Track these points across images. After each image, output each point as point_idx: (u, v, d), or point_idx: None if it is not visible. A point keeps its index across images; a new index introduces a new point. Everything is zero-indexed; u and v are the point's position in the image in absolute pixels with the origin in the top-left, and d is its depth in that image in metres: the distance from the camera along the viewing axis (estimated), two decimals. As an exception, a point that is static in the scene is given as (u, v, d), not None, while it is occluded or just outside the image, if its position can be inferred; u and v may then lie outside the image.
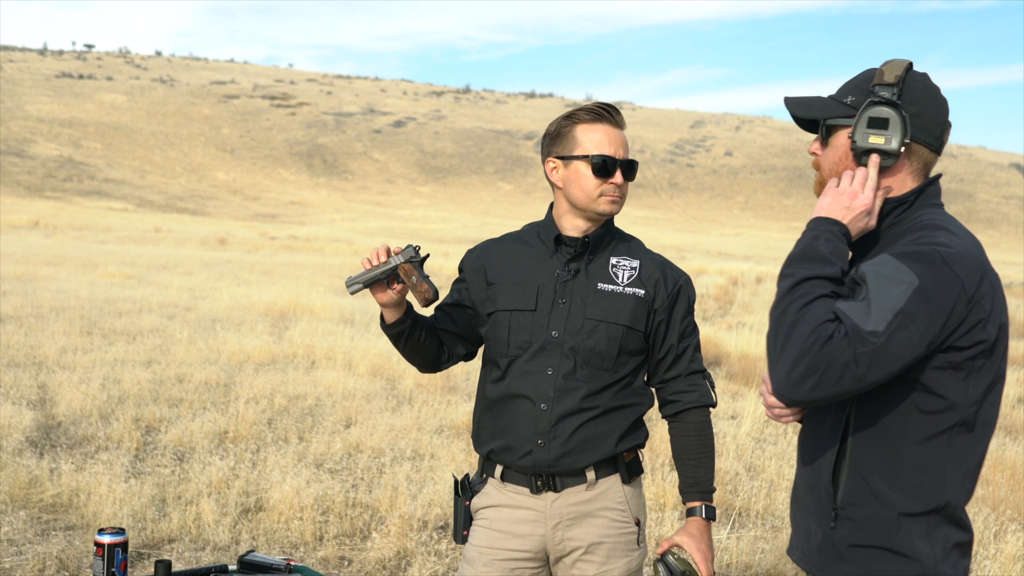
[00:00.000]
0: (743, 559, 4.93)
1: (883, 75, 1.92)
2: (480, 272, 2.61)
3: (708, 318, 15.51)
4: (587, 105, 2.53)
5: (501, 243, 2.66)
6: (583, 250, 2.53)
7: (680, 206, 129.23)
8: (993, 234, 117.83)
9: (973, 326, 1.80)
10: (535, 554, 2.53)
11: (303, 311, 13.28)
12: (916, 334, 1.75)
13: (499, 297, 2.56)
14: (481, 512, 2.59)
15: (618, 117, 2.50)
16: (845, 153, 1.97)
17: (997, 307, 1.84)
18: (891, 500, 1.86)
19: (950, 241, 1.82)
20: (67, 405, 7.18)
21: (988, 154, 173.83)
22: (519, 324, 2.52)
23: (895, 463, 1.86)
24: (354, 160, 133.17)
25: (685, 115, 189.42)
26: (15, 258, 19.74)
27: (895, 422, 1.86)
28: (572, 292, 2.51)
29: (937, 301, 1.76)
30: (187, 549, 4.76)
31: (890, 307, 1.76)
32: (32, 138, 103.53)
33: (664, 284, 2.53)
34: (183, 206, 75.69)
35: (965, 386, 1.83)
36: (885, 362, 1.75)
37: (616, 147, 2.48)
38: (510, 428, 2.51)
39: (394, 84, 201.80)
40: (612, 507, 2.52)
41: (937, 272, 1.77)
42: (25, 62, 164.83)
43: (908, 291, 1.76)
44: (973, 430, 1.88)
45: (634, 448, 2.56)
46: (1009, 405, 9.06)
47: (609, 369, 2.49)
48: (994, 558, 4.94)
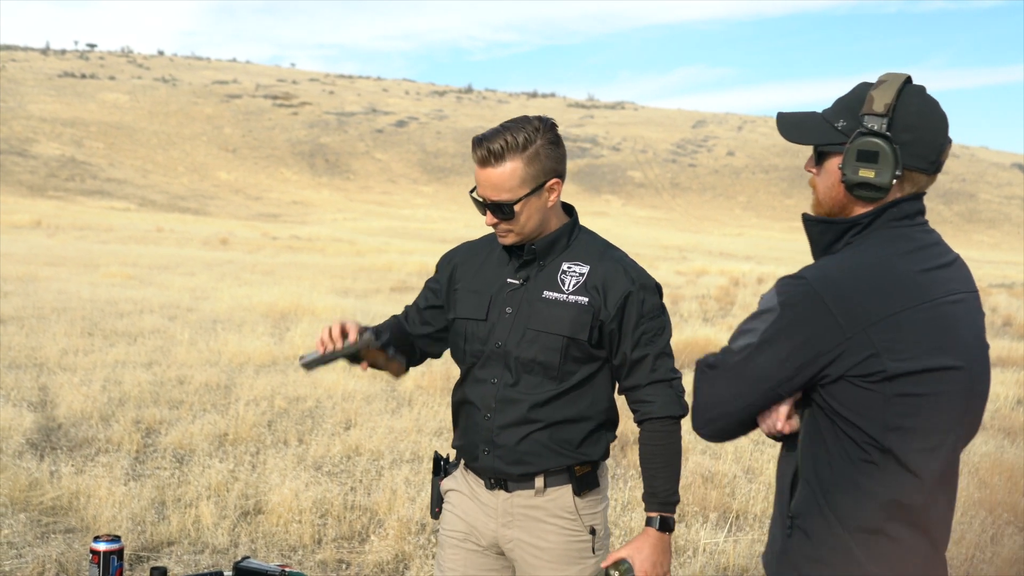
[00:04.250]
0: (740, 562, 4.94)
1: (872, 102, 1.84)
2: (450, 273, 2.63)
3: (709, 319, 15.50)
4: (477, 136, 2.41)
5: (475, 247, 2.66)
6: (532, 257, 2.49)
7: (682, 206, 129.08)
8: (995, 234, 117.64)
9: (864, 358, 1.76)
10: (489, 546, 2.57)
11: (304, 312, 13.29)
12: (774, 359, 1.82)
13: (458, 304, 2.57)
14: (448, 495, 2.65)
15: (489, 155, 2.36)
16: (836, 182, 1.91)
17: (903, 338, 1.76)
18: (829, 515, 1.85)
19: (835, 267, 1.82)
20: (68, 407, 7.20)
21: (990, 154, 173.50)
22: (473, 333, 2.52)
23: (831, 480, 1.85)
24: (356, 160, 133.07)
25: (687, 115, 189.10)
26: (17, 259, 19.75)
27: (828, 436, 1.85)
28: (519, 301, 2.48)
29: (796, 329, 1.80)
30: (186, 552, 4.78)
31: (753, 330, 1.85)
32: (34, 137, 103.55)
33: (611, 292, 2.43)
34: (185, 206, 75.66)
35: (883, 410, 1.78)
36: (744, 380, 1.85)
37: (485, 188, 2.40)
38: (467, 431, 2.57)
39: (396, 84, 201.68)
40: (561, 515, 2.50)
41: (801, 301, 1.80)
42: (27, 61, 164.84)
43: (771, 317, 1.83)
44: (903, 458, 1.81)
45: (590, 463, 2.51)
46: (1008, 407, 9.06)
47: (554, 379, 2.45)
48: (990, 561, 4.95)
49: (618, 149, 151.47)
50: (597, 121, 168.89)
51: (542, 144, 2.39)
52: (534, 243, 2.47)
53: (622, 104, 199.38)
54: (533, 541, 2.51)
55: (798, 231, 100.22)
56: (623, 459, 6.75)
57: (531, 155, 2.37)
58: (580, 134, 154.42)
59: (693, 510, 5.66)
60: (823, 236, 1.93)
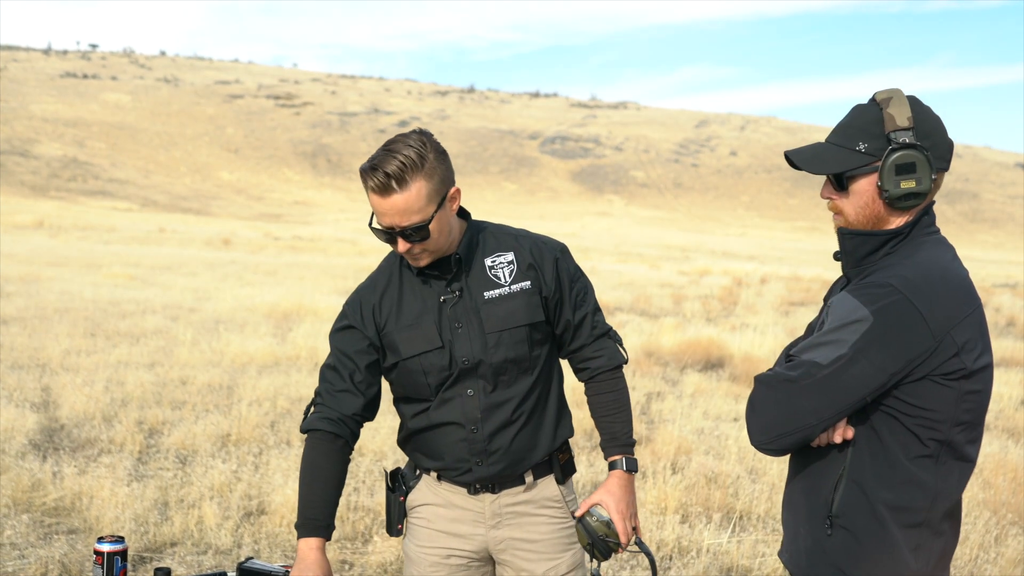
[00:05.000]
0: (744, 563, 4.93)
1: (894, 119, 1.93)
2: (370, 320, 2.47)
3: (712, 319, 15.50)
4: (364, 166, 2.30)
5: (374, 285, 2.51)
6: (457, 267, 2.43)
7: (685, 206, 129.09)
8: (998, 234, 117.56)
9: (948, 358, 1.86)
10: (478, 553, 2.54)
11: (306, 312, 13.29)
12: (870, 369, 1.85)
13: (400, 346, 2.44)
14: (417, 510, 2.58)
15: (389, 179, 2.25)
16: (872, 199, 1.97)
17: (973, 338, 1.88)
18: (881, 513, 1.91)
19: (913, 274, 1.88)
20: (70, 408, 7.20)
21: (994, 154, 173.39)
22: (432, 364, 2.42)
23: (887, 478, 1.91)
24: (358, 160, 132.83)
25: (690, 115, 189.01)
26: (19, 259, 19.77)
27: (886, 434, 1.91)
28: (465, 313, 2.42)
29: (891, 337, 1.84)
30: (189, 553, 4.77)
31: (840, 340, 1.87)
32: (36, 138, 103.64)
33: (545, 266, 2.46)
34: (187, 206, 75.75)
35: (955, 406, 1.89)
36: (836, 392, 1.86)
37: (392, 217, 2.29)
38: (445, 451, 2.49)
39: (399, 84, 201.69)
40: (549, 505, 2.53)
41: (895, 308, 1.84)
42: (29, 61, 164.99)
43: (862, 327, 1.85)
44: (959, 449, 1.93)
45: (566, 444, 2.57)
46: (1012, 408, 9.04)
47: (527, 370, 2.46)
48: (994, 562, 4.94)
49: (621, 149, 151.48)
50: (600, 121, 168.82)
51: (433, 156, 2.31)
52: (457, 253, 2.41)
53: (625, 104, 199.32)
54: (525, 536, 2.51)
55: (801, 231, 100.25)
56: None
57: (429, 170, 2.29)
58: (583, 134, 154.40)
59: (697, 510, 5.65)
60: (860, 248, 1.99)
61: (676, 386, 9.72)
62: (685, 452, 6.84)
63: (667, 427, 7.44)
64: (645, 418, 8.13)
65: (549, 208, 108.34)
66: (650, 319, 14.74)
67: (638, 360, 10.64)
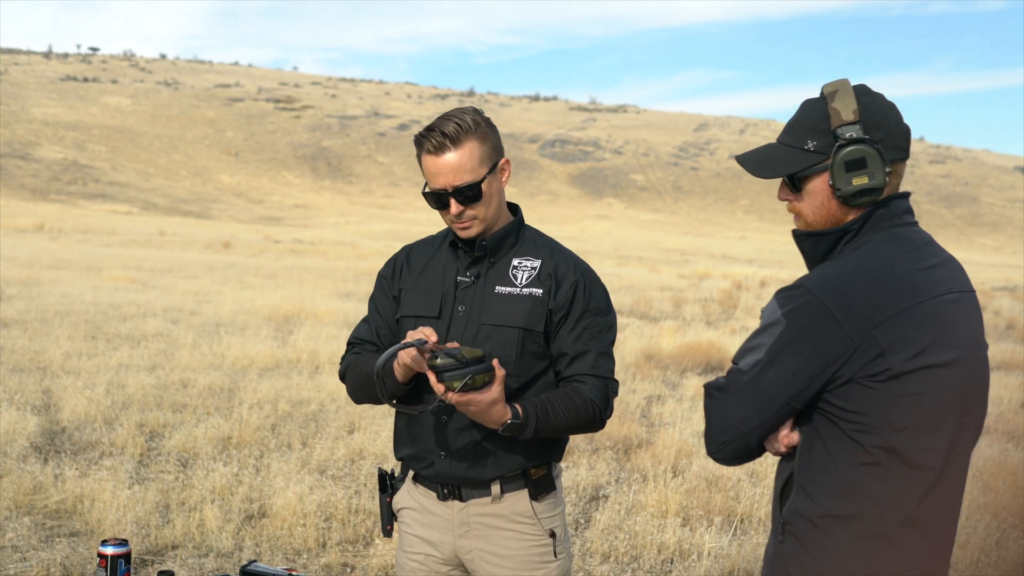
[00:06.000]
0: (745, 566, 4.93)
1: (839, 114, 1.85)
2: (397, 275, 2.56)
3: (712, 322, 15.51)
4: (420, 132, 2.36)
5: (416, 247, 2.60)
6: (483, 254, 2.44)
7: (684, 209, 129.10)
8: (998, 237, 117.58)
9: (871, 359, 1.76)
10: (450, 561, 2.51)
11: (307, 315, 13.30)
12: (785, 373, 1.80)
13: (406, 302, 2.50)
14: (401, 513, 2.59)
15: (445, 138, 2.31)
16: (827, 198, 1.91)
17: (908, 337, 1.77)
18: (827, 521, 1.84)
19: (833, 273, 1.82)
20: (71, 410, 7.21)
21: (993, 157, 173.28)
22: None
23: (831, 485, 1.84)
24: (358, 163, 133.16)
25: (689, 118, 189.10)
26: (20, 262, 19.78)
27: (830, 440, 1.84)
28: (472, 298, 2.43)
29: (804, 340, 1.79)
30: (190, 556, 4.78)
31: (759, 346, 1.84)
32: (37, 141, 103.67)
33: (563, 281, 2.41)
34: (187, 209, 75.75)
35: (889, 410, 1.79)
36: (757, 398, 1.83)
37: (445, 176, 2.33)
38: (419, 436, 2.47)
39: (398, 87, 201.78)
40: (520, 520, 2.46)
41: (805, 310, 1.79)
42: (30, 65, 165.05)
43: (776, 331, 1.82)
44: (910, 457, 1.81)
45: (544, 464, 2.47)
46: (1012, 411, 9.05)
47: (512, 375, 2.37)
48: (995, 565, 4.94)
49: (620, 152, 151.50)
50: (599, 124, 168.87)
51: (486, 125, 2.38)
52: (485, 239, 2.43)
53: (624, 107, 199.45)
54: (493, 549, 2.45)
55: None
56: (627, 462, 6.75)
57: (482, 134, 2.36)
58: (582, 137, 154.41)
59: (698, 514, 5.65)
60: (816, 248, 1.94)
61: (676, 389, 9.72)
62: (686, 455, 6.84)
63: (667, 430, 7.44)
64: (645, 421, 8.14)
65: (549, 211, 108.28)
66: (650, 322, 14.75)
67: (638, 363, 10.65)
